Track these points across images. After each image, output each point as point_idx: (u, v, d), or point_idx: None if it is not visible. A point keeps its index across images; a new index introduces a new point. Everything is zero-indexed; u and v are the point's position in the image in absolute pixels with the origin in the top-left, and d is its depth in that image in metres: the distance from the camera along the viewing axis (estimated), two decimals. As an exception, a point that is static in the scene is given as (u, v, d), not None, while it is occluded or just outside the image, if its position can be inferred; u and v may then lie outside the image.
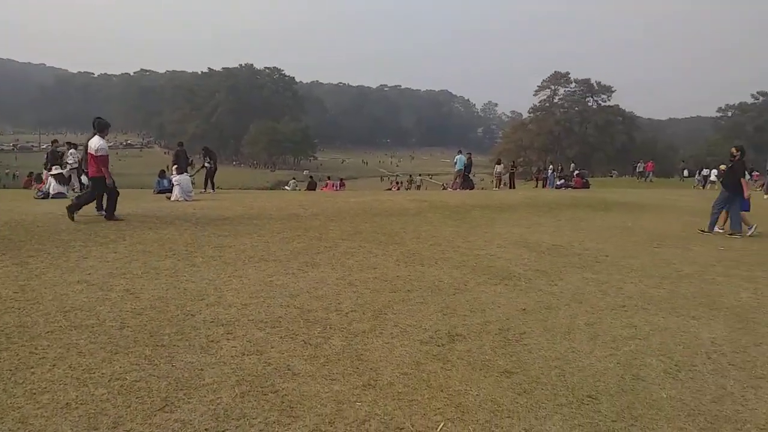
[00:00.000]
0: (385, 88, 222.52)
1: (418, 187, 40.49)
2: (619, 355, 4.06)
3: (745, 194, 9.61)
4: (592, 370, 3.80)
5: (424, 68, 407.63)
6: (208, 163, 17.84)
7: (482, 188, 33.27)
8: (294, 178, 32.04)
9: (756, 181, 40.46)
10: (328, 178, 35.59)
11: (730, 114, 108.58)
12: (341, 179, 33.39)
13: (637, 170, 48.48)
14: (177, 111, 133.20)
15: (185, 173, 13.96)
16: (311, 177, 33.16)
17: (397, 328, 4.45)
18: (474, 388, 3.45)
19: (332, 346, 4.03)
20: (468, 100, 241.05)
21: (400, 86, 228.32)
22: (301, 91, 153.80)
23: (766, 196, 17.06)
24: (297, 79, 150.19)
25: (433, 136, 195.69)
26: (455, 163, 24.65)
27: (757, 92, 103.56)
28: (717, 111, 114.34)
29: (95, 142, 8.72)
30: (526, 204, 13.37)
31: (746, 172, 9.79)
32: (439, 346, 4.12)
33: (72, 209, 8.58)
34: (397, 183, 41.90)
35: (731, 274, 6.80)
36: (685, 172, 46.21)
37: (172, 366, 3.55)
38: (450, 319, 4.74)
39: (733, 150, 10.16)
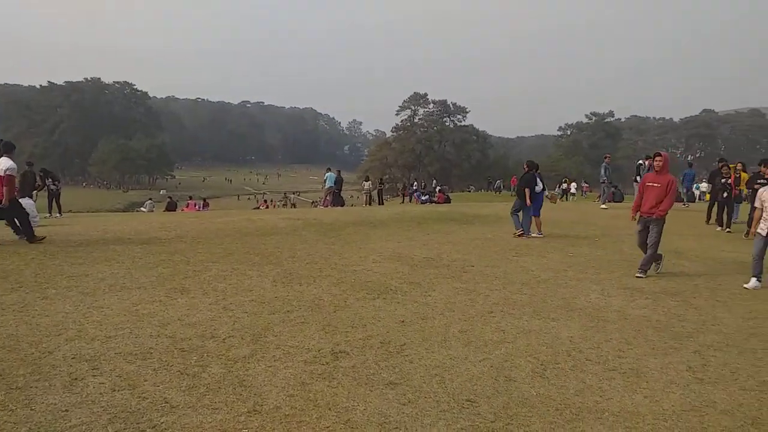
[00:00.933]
0: (248, 105, 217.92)
1: (294, 205, 40.10)
2: (491, 359, 4.34)
3: (527, 202, 11.08)
4: (468, 374, 4.02)
5: (287, 86, 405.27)
6: (54, 185, 16.27)
7: (352, 205, 33.78)
8: (151, 199, 29.99)
9: (585, 193, 45.61)
10: (190, 198, 33.91)
11: (569, 132, 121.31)
12: (204, 199, 31.97)
13: (494, 186, 52.86)
14: (11, 128, 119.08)
15: (28, 197, 12.56)
16: (170, 197, 31.31)
17: (280, 350, 4.37)
18: (361, 403, 3.50)
19: (211, 374, 3.86)
20: (333, 118, 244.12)
21: (263, 102, 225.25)
22: (156, 107, 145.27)
23: (602, 206, 19.10)
24: (151, 95, 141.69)
25: (300, 154, 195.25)
26: (325, 180, 24.78)
27: (591, 113, 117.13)
28: (558, 130, 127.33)
29: (4, 163, 8.37)
30: (396, 219, 13.80)
31: (540, 183, 11.49)
32: (323, 364, 4.12)
33: None
34: (265, 201, 41.11)
35: (581, 277, 7.56)
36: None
37: (32, 410, 3.19)
38: (332, 336, 4.76)
39: (525, 165, 11.75)
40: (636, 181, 19.16)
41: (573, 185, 41.50)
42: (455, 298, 6.21)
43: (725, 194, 12.87)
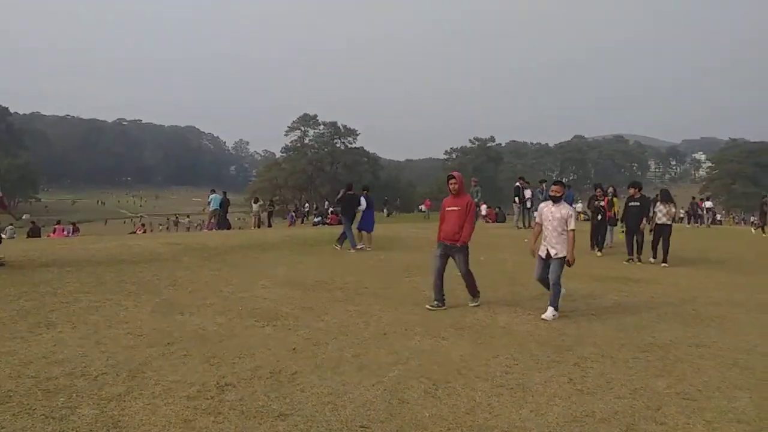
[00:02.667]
0: (124, 123, 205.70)
1: (188, 229, 38.02)
2: (385, 382, 4.29)
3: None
4: (362, 400, 3.94)
5: (167, 103, 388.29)
6: None
7: (240, 228, 32.73)
8: (11, 224, 26.96)
9: (484, 216, 47.74)
10: (58, 222, 30.96)
11: (455, 156, 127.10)
12: (74, 223, 29.36)
13: (393, 206, 54.35)
14: None
15: None
16: (33, 222, 28.35)
17: (159, 386, 4.02)
18: (250, 438, 3.29)
19: (82, 416, 3.46)
20: (218, 137, 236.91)
21: (141, 120, 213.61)
22: (18, 124, 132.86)
23: (516, 227, 19.95)
24: (12, 110, 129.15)
25: (182, 174, 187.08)
26: (209, 202, 23.83)
27: (474, 138, 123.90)
28: (444, 153, 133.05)
29: None
30: (288, 242, 13.53)
31: (363, 203, 13.17)
32: (208, 399, 3.85)
33: None
34: (143, 225, 38.66)
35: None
36: (422, 207, 52.48)
37: None
38: (218, 368, 4.48)
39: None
40: (515, 202, 20.36)
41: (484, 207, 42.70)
42: (349, 321, 6.13)
43: (599, 217, 13.34)
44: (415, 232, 18.13)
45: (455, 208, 7.11)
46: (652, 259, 12.09)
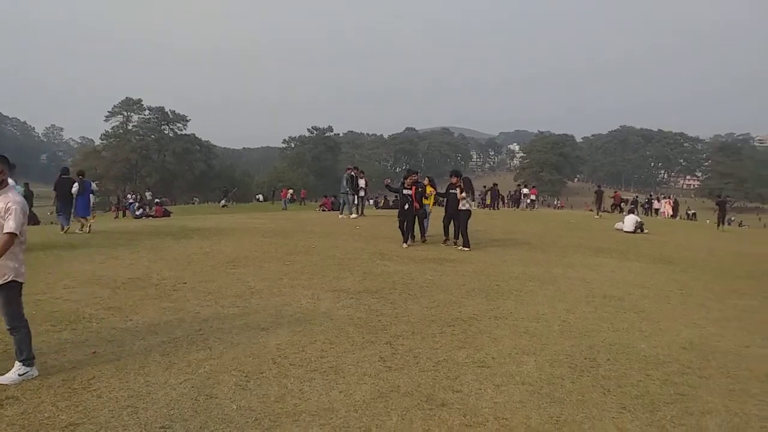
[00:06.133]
0: None
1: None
2: (194, 379, 4.14)
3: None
4: (167, 399, 3.76)
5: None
6: None
7: (51, 222, 29.19)
8: None
9: (321, 205, 47.98)
10: None
11: (293, 145, 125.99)
12: None
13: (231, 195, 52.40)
14: None
15: None
16: None
17: None
18: (28, 456, 2.97)
19: None
20: (25, 122, 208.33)
21: None
22: None
23: (342, 216, 19.87)
24: None
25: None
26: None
27: (312, 127, 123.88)
28: (282, 142, 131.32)
29: None
30: (102, 237, 12.36)
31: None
32: (-20, 419, 3.39)
33: None
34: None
35: (295, 284, 7.79)
36: (259, 197, 51.46)
37: None
38: None
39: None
40: (347, 191, 20.72)
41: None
42: (160, 319, 5.79)
43: (406, 206, 12.49)
44: (248, 222, 17.69)
45: None
46: (458, 245, 12.58)
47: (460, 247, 12.16)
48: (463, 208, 12.22)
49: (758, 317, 7.23)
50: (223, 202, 43.46)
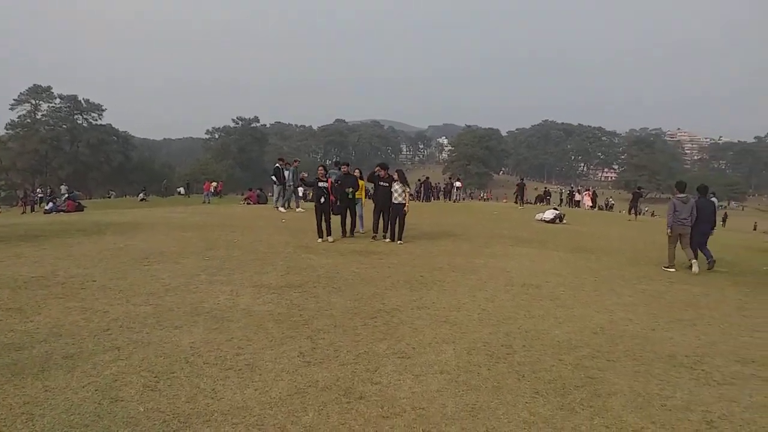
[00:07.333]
0: None
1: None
2: (99, 382, 3.90)
3: None
4: (67, 405, 3.53)
5: None
6: None
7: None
8: None
9: (246, 198, 46.80)
10: None
11: (217, 136, 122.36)
12: None
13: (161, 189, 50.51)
14: None
15: None
16: None
17: None
18: None
19: None
20: None
21: None
22: None
23: (279, 208, 19.52)
24: None
25: None
26: None
27: (238, 117, 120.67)
28: (206, 133, 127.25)
29: None
30: (5, 233, 11.48)
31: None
32: None
33: None
34: None
35: (214, 280, 7.52)
36: (181, 190, 49.63)
37: None
38: None
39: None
40: (275, 183, 20.37)
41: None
42: (66, 319, 5.42)
43: (322, 199, 11.98)
44: (167, 216, 16.99)
45: None
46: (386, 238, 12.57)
47: (388, 240, 12.22)
48: (396, 201, 12.20)
49: (663, 301, 7.70)
50: (141, 195, 41.59)
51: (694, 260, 10.56)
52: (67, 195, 28.32)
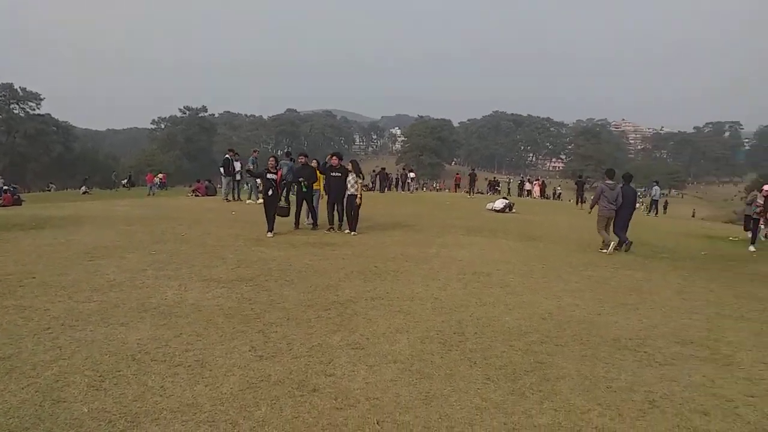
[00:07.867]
0: None
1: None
2: (39, 383, 3.74)
3: None
4: (5, 407, 3.38)
5: None
6: None
7: None
8: None
9: (194, 190, 45.57)
10: None
11: (163, 126, 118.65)
12: None
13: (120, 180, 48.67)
14: None
15: None
16: None
17: None
18: None
19: None
20: None
21: None
22: None
23: (251, 201, 19.08)
24: None
25: None
26: None
27: (184, 107, 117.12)
28: (152, 123, 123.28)
29: None
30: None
31: None
32: None
33: None
34: None
35: (160, 275, 7.30)
36: (124, 182, 48.17)
37: None
38: None
39: None
40: (221, 174, 20.01)
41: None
42: (2, 319, 5.15)
43: (270, 192, 11.60)
44: (111, 209, 16.39)
45: None
46: (347, 231, 12.53)
47: (347, 231, 12.14)
48: (349, 192, 12.09)
49: (608, 287, 7.98)
50: (83, 188, 39.96)
51: (612, 242, 11.56)
52: (3, 188, 26.92)
